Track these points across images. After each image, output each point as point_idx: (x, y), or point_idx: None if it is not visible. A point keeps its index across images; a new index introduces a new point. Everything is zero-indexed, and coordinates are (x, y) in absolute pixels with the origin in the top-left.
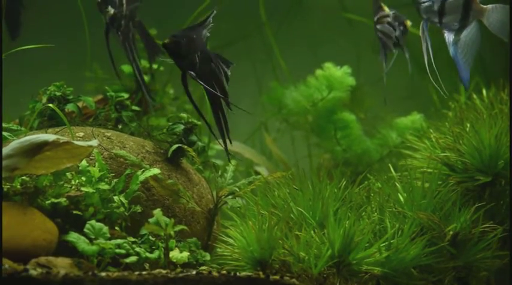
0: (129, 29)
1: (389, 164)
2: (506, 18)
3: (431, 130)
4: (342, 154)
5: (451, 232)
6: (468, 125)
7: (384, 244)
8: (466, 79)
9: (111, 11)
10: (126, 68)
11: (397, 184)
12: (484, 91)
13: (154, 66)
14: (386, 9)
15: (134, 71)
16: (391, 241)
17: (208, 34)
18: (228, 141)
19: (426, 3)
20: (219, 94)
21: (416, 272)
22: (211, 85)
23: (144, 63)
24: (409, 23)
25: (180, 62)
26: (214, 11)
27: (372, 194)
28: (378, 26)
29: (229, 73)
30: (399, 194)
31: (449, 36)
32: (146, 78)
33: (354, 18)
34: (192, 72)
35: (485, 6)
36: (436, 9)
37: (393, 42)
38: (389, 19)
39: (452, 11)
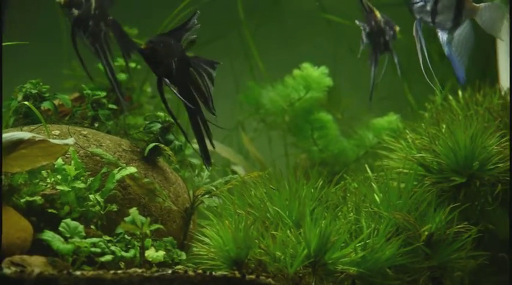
0: (100, 29)
1: (366, 165)
2: (499, 16)
3: (407, 131)
4: (318, 154)
5: (426, 232)
6: (444, 126)
7: (360, 244)
8: (462, 78)
9: (76, 12)
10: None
11: (373, 184)
12: (460, 93)
13: (132, 65)
14: (378, 14)
15: (106, 72)
16: (367, 241)
17: (192, 37)
18: (210, 145)
19: (419, 4)
20: (197, 100)
21: (391, 272)
22: (188, 91)
23: (122, 62)
24: (397, 28)
25: (155, 68)
26: (198, 12)
27: (348, 194)
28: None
29: (214, 74)
30: (375, 195)
31: (442, 36)
32: (123, 76)
33: (332, 18)
34: (166, 79)
35: (477, 5)
36: (428, 9)
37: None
38: (362, 27)
39: (445, 11)
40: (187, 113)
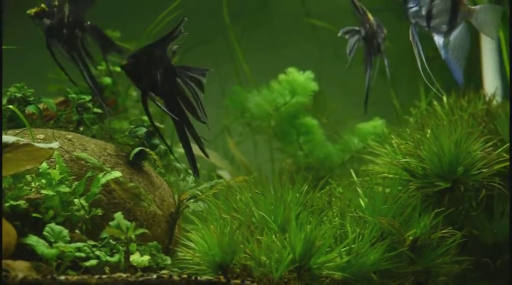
0: (76, 36)
1: (351, 170)
2: (495, 18)
3: (392, 136)
4: (304, 159)
5: (410, 237)
6: (429, 131)
7: (345, 249)
8: (460, 80)
9: (47, 22)
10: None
11: (359, 189)
12: (445, 98)
13: (117, 69)
14: (370, 16)
15: (85, 78)
16: (352, 246)
17: (175, 47)
18: (204, 155)
19: (414, 8)
20: (184, 111)
21: (376, 277)
22: (175, 102)
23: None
24: (385, 31)
25: (138, 83)
26: (185, 19)
27: (334, 199)
28: None
29: (204, 82)
30: (360, 199)
31: (439, 39)
32: (108, 80)
33: (317, 23)
34: (152, 92)
35: (473, 7)
36: (424, 13)
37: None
38: (348, 36)
39: (440, 14)
40: (174, 125)
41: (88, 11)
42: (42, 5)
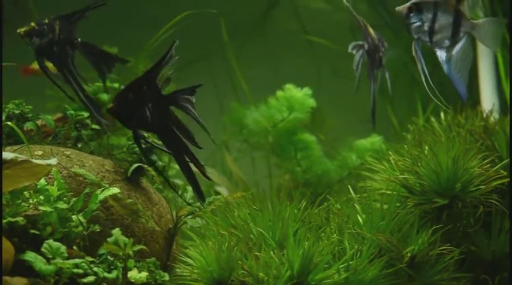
0: (67, 53)
1: (349, 186)
2: (499, 31)
3: (390, 152)
4: (302, 175)
5: (408, 254)
6: (426, 148)
7: (343, 265)
8: (464, 94)
9: (37, 41)
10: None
11: (356, 206)
12: (442, 115)
13: (116, 85)
14: (371, 31)
15: (79, 96)
16: (350, 262)
17: (170, 71)
18: (205, 178)
19: (416, 24)
20: (181, 140)
21: None
22: (170, 133)
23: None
24: (386, 44)
25: (127, 122)
26: (176, 42)
27: (332, 216)
28: None
29: (194, 100)
30: (358, 216)
31: (441, 54)
32: (105, 96)
33: (315, 40)
34: (143, 130)
35: (475, 21)
36: (426, 28)
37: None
38: (355, 51)
39: (443, 29)
40: (173, 156)
41: (77, 25)
42: (32, 24)
